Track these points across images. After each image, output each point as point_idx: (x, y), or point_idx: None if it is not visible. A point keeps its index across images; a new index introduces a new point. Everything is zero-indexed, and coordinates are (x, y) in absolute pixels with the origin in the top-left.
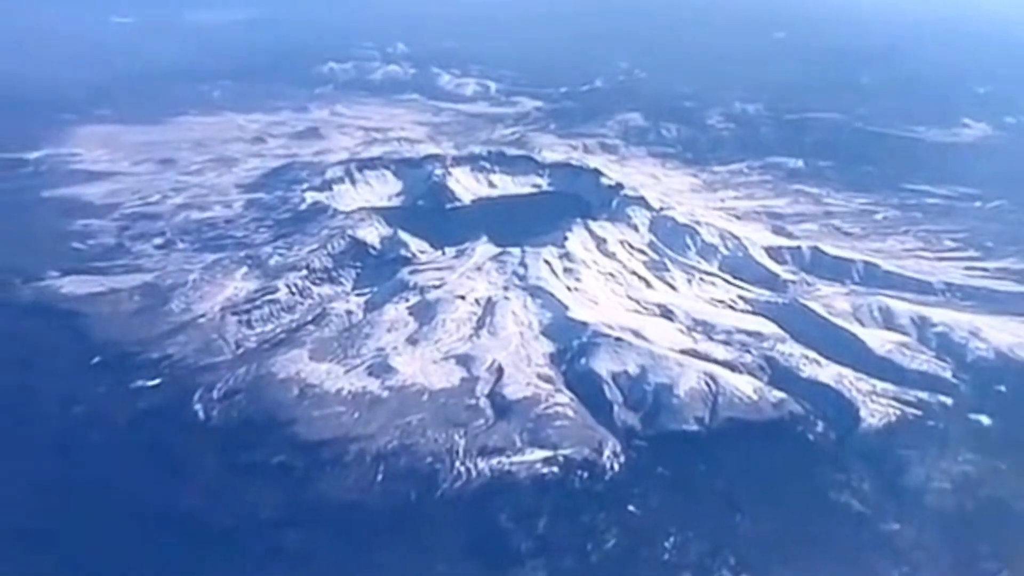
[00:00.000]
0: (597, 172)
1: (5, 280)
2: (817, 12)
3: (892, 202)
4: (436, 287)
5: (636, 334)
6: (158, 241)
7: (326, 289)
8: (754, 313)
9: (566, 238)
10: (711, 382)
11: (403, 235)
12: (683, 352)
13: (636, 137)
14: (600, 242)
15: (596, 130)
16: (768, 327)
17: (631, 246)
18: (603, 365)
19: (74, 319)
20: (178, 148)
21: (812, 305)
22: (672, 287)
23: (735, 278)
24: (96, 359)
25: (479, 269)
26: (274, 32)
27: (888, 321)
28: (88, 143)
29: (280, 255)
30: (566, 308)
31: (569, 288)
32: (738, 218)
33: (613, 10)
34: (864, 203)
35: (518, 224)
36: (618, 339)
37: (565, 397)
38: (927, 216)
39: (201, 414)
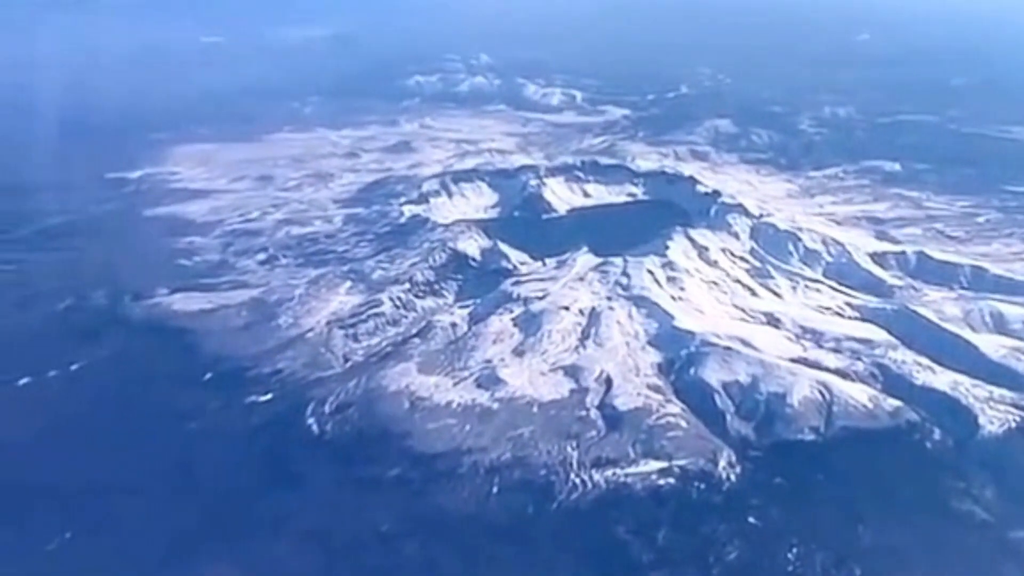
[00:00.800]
0: (692, 179)
1: (116, 298)
2: (899, 14)
3: (994, 204)
4: (539, 298)
5: (744, 343)
6: (261, 257)
7: (429, 302)
8: (863, 320)
9: (667, 247)
10: (825, 391)
11: (503, 246)
12: (793, 360)
13: (727, 143)
14: (702, 250)
15: (686, 137)
16: (878, 334)
17: (733, 254)
18: (713, 375)
19: (185, 336)
20: (275, 165)
21: (922, 311)
22: (777, 295)
23: (840, 284)
24: (208, 375)
25: (581, 279)
26: (357, 47)
27: (1000, 326)
28: (186, 162)
29: (383, 269)
30: (672, 317)
31: (673, 297)
32: (838, 223)
33: (692, 16)
34: (965, 206)
35: (616, 234)
36: (727, 348)
37: (676, 407)
38: None
39: (315, 428)
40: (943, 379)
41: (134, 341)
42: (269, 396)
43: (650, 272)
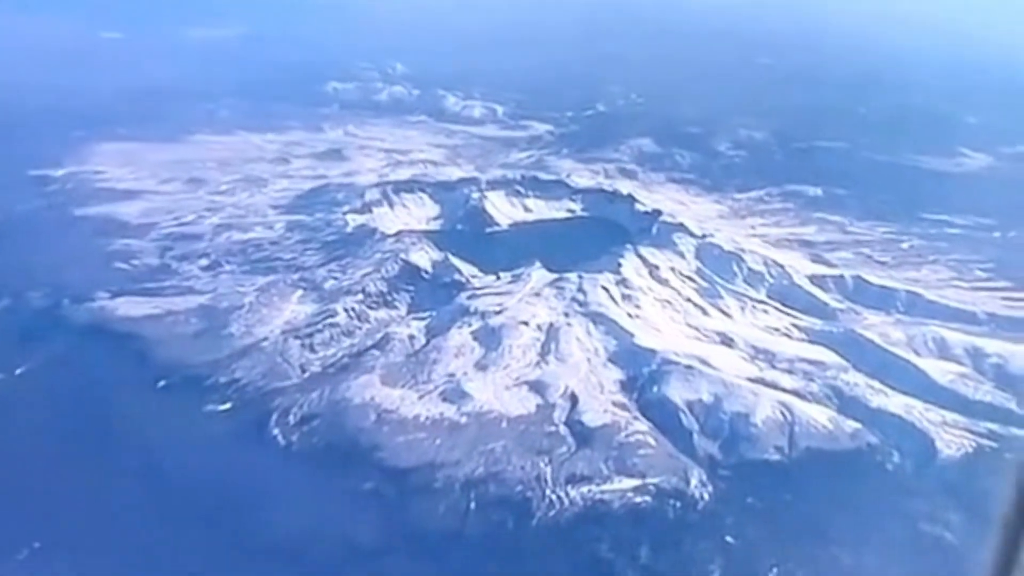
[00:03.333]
0: (631, 198)
1: (54, 301)
2: (795, 38)
3: (914, 231)
4: (497, 312)
5: (703, 362)
6: (203, 262)
7: (382, 313)
8: (811, 342)
9: (620, 264)
10: (786, 411)
11: (453, 259)
12: (752, 380)
13: (652, 163)
14: (652, 269)
15: (611, 155)
16: (828, 356)
17: (681, 273)
18: (677, 393)
19: (133, 341)
20: (203, 167)
21: (868, 334)
22: (727, 315)
23: (784, 306)
24: (162, 382)
25: (537, 295)
26: (267, 50)
27: (943, 351)
28: (110, 161)
29: (334, 278)
30: (631, 335)
31: (630, 315)
32: (772, 245)
33: (593, 32)
34: (887, 232)
35: (564, 249)
36: (688, 367)
37: (643, 425)
38: (952, 245)
39: (281, 439)
40: (896, 402)
41: (80, 345)
42: (228, 405)
43: (605, 289)
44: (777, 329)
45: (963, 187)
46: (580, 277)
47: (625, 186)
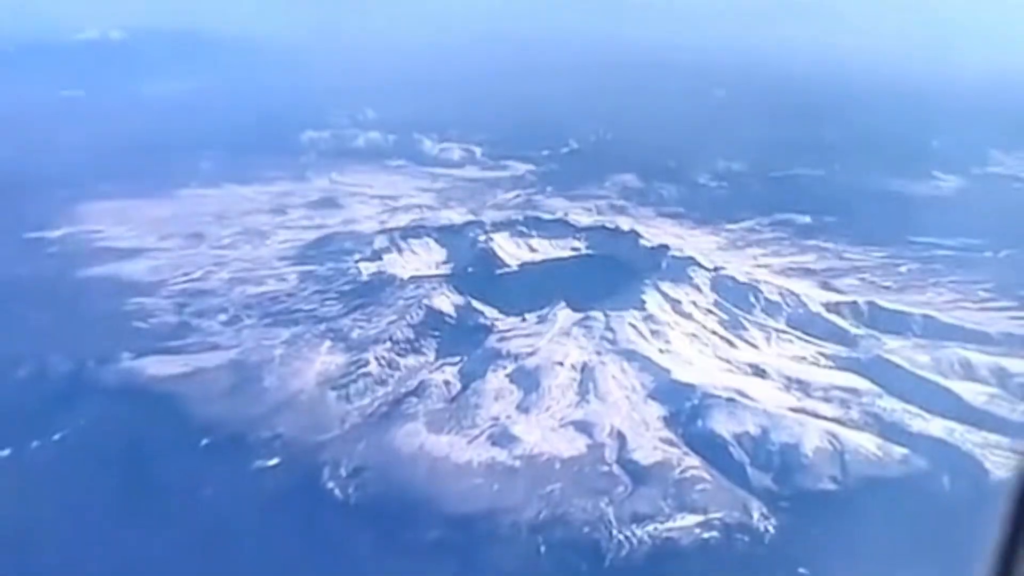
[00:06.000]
0: (635, 234)
1: (78, 363)
2: (747, 70)
3: (908, 255)
4: (529, 354)
5: (741, 394)
6: (223, 318)
7: (411, 360)
8: (840, 369)
9: (644, 301)
10: (834, 440)
11: (475, 303)
12: (793, 410)
13: (638, 198)
14: (674, 303)
15: (597, 192)
16: (861, 383)
17: (700, 306)
18: (723, 426)
19: (168, 401)
20: (200, 222)
21: (895, 359)
22: (753, 346)
23: (806, 334)
24: (205, 441)
25: (566, 335)
26: (228, 102)
27: (969, 372)
28: (106, 219)
29: (360, 327)
30: (667, 371)
31: (661, 350)
32: (778, 275)
33: (551, 68)
34: (882, 257)
35: (577, 288)
36: (729, 399)
37: (695, 460)
38: (948, 268)
39: (337, 492)
40: (937, 426)
41: (114, 408)
42: (276, 461)
43: (633, 326)
44: (804, 358)
45: (944, 209)
46: (606, 315)
47: (623, 222)
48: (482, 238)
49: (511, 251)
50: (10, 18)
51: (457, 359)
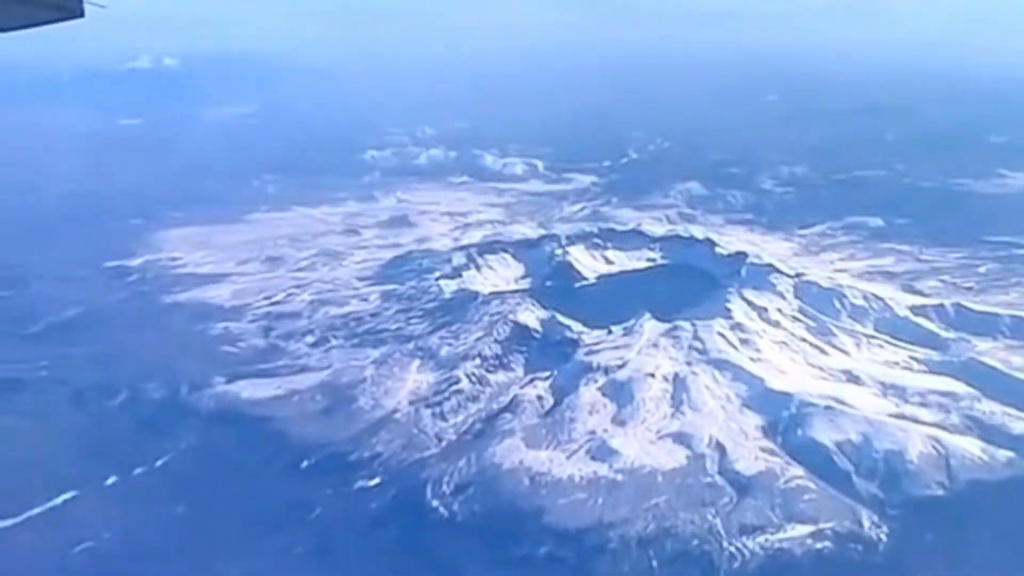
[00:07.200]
0: (711, 242)
1: (172, 389)
2: (797, 76)
3: (984, 255)
4: (620, 366)
5: (838, 401)
6: (310, 339)
7: (500, 376)
8: (935, 373)
9: (730, 309)
10: (938, 445)
11: (560, 316)
12: (893, 416)
13: (705, 205)
14: (760, 311)
15: (663, 201)
16: (957, 386)
17: (786, 313)
18: (823, 434)
19: (266, 424)
20: (275, 245)
21: (989, 361)
22: (844, 352)
23: (895, 338)
24: (306, 463)
25: (655, 346)
26: (287, 124)
27: None
28: (182, 246)
29: (449, 345)
30: (760, 379)
31: (752, 359)
32: (859, 279)
33: (601, 77)
34: (960, 257)
35: (658, 298)
36: (827, 407)
37: (798, 469)
38: None
39: (443, 510)
40: None
41: (213, 432)
42: (377, 480)
43: (721, 335)
44: (896, 363)
45: (1015, 207)
46: (693, 325)
47: (695, 230)
48: (558, 251)
49: (588, 263)
50: (62, 48)
51: (547, 374)
